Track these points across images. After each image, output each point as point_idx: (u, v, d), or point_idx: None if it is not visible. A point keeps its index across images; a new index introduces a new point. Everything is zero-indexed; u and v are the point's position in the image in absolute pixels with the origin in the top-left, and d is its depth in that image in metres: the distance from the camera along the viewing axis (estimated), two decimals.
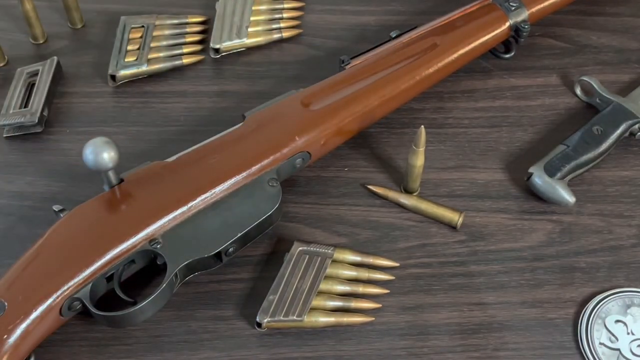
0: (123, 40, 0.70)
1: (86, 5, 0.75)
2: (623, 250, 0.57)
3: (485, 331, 0.53)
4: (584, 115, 0.65)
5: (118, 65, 0.68)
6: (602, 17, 0.75)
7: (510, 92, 0.68)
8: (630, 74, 0.70)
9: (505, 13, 0.67)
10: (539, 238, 0.58)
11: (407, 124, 0.65)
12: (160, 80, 0.69)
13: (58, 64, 0.69)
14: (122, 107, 0.67)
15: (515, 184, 0.61)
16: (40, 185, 0.61)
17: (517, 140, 0.64)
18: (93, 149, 0.48)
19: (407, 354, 0.52)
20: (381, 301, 0.54)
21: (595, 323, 0.53)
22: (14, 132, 0.65)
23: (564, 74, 0.70)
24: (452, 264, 0.57)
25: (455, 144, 0.64)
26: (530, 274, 0.56)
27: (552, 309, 0.54)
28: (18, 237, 0.55)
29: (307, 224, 0.59)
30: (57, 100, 0.68)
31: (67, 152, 0.64)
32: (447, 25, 0.66)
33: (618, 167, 0.63)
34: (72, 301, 0.49)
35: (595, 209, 0.60)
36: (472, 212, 0.59)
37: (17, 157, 0.64)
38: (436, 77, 0.64)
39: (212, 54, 0.71)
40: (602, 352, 0.52)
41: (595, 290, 0.55)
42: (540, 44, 0.72)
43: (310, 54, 0.72)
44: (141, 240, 0.51)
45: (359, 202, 0.60)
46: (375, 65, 0.62)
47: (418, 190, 0.61)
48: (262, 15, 0.73)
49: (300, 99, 0.59)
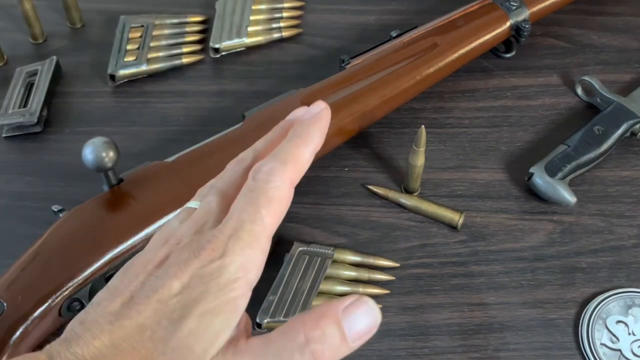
0: (122, 40, 0.70)
1: (86, 4, 0.75)
2: (624, 250, 0.57)
3: (486, 332, 0.53)
4: (584, 115, 0.65)
5: (117, 64, 0.68)
6: (603, 16, 0.75)
7: (511, 91, 0.68)
8: (632, 73, 0.70)
9: (505, 12, 0.67)
10: (539, 238, 0.58)
11: (408, 124, 0.65)
12: (160, 80, 0.69)
13: (57, 64, 0.69)
14: (122, 107, 0.67)
15: (516, 184, 0.61)
16: (39, 185, 0.61)
17: (518, 140, 0.64)
18: (92, 149, 0.48)
19: (407, 354, 0.52)
20: (381, 301, 0.54)
21: (596, 323, 0.53)
22: (13, 132, 0.65)
23: (565, 74, 0.69)
24: (453, 264, 0.56)
25: (455, 144, 0.64)
26: (531, 274, 0.56)
27: (553, 309, 0.54)
28: (17, 237, 0.55)
29: (307, 224, 0.59)
30: (57, 100, 0.68)
31: (67, 152, 0.63)
32: (448, 25, 0.66)
33: (619, 167, 0.62)
34: (72, 301, 0.49)
35: (596, 209, 0.60)
36: (472, 212, 0.59)
37: (16, 157, 0.64)
38: (437, 77, 0.64)
39: (211, 54, 0.71)
40: (603, 353, 0.51)
41: (596, 291, 0.55)
42: (541, 44, 0.72)
43: (310, 53, 0.72)
44: (141, 240, 0.51)
45: (359, 202, 0.60)
46: (375, 65, 0.62)
47: (418, 190, 0.60)
48: (262, 14, 0.73)
49: (300, 98, 0.59)
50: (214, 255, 0.33)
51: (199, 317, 0.32)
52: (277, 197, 0.35)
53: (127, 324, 0.31)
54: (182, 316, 0.32)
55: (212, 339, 0.32)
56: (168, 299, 0.32)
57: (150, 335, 0.31)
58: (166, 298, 0.32)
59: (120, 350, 0.31)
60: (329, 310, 0.32)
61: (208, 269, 0.32)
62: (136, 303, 0.32)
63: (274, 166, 0.35)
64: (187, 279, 0.32)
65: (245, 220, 0.34)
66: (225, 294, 0.32)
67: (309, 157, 0.37)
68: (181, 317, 0.32)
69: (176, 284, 0.32)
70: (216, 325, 0.32)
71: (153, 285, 0.33)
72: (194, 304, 0.32)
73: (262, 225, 0.34)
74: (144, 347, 0.31)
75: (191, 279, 0.32)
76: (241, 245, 0.33)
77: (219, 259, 0.33)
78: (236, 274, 0.33)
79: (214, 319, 0.32)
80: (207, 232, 0.34)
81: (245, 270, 0.33)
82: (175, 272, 0.33)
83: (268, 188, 0.35)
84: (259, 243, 0.34)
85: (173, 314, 0.32)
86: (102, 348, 0.31)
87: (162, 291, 0.32)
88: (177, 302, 0.32)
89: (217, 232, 0.34)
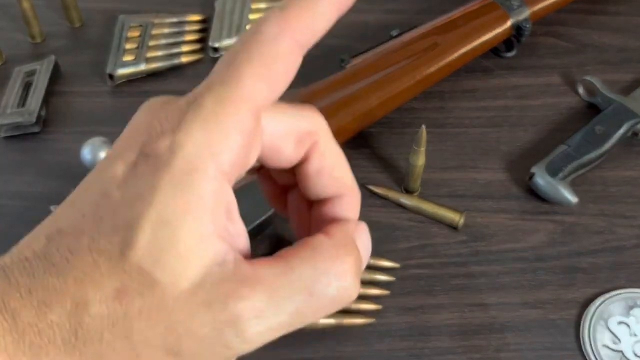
0: (121, 39, 0.70)
1: (84, 4, 0.74)
2: (625, 250, 0.57)
3: (487, 332, 0.53)
4: (585, 115, 0.65)
5: (116, 64, 0.68)
6: (604, 16, 0.75)
7: (512, 91, 0.68)
8: (633, 73, 0.69)
9: (506, 12, 0.67)
10: (540, 238, 0.58)
11: (408, 124, 0.65)
12: (159, 79, 0.69)
13: (56, 63, 0.69)
14: (121, 106, 0.67)
15: (516, 184, 0.61)
16: (38, 185, 0.61)
17: (519, 140, 0.64)
18: (91, 149, 0.48)
19: (408, 355, 0.52)
20: (382, 302, 0.54)
21: (598, 324, 0.53)
22: (11, 131, 0.64)
23: (566, 74, 0.69)
24: (453, 265, 0.56)
25: (456, 144, 0.64)
26: (531, 275, 0.56)
27: (554, 309, 0.54)
28: (16, 238, 0.55)
29: None
30: (55, 100, 0.67)
31: (65, 152, 0.63)
32: (448, 24, 0.65)
33: (620, 167, 0.62)
34: None
35: (597, 209, 0.59)
36: (473, 212, 0.59)
37: (15, 157, 0.63)
38: (437, 77, 0.64)
39: (211, 53, 0.71)
40: (604, 354, 0.51)
41: (597, 291, 0.55)
42: (541, 43, 0.72)
43: (310, 53, 0.71)
44: None
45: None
46: (375, 64, 0.62)
47: (419, 190, 0.60)
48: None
49: (300, 98, 0.59)
50: (164, 128, 0.23)
51: (152, 228, 0.22)
52: (265, 52, 0.24)
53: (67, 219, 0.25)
54: (130, 225, 0.23)
55: (180, 257, 0.22)
56: (110, 190, 0.24)
57: (88, 243, 0.23)
58: (108, 189, 0.24)
59: (52, 263, 0.23)
60: (348, 231, 0.27)
61: (154, 149, 0.23)
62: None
63: (268, 14, 0.25)
64: (132, 160, 0.24)
65: (214, 83, 0.24)
66: (183, 188, 0.23)
67: (325, 8, 0.26)
68: (129, 225, 0.23)
69: (119, 168, 0.24)
70: (181, 236, 0.22)
71: (98, 168, 0.25)
72: (142, 206, 0.23)
73: (238, 88, 0.24)
74: (80, 259, 0.23)
75: (136, 164, 0.23)
76: (203, 115, 0.23)
77: (170, 134, 0.23)
78: (196, 156, 0.23)
79: (175, 231, 0.22)
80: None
81: (210, 151, 0.23)
82: (121, 153, 0.24)
83: (253, 39, 0.25)
84: (232, 116, 0.23)
85: (117, 216, 0.23)
86: (33, 259, 0.24)
87: (104, 178, 0.24)
88: (121, 196, 0.23)
89: (174, 100, 0.24)
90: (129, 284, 0.22)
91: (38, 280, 0.23)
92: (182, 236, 0.22)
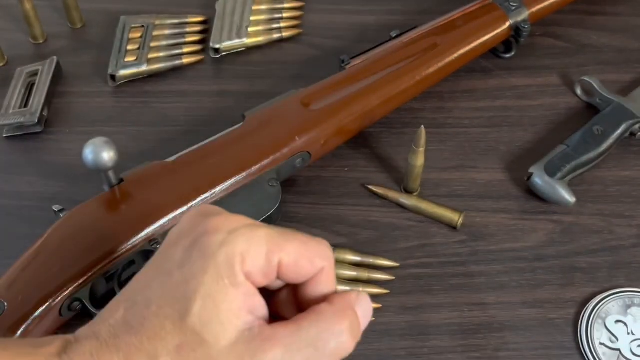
0: (123, 40, 0.70)
1: (86, 5, 0.75)
2: (623, 250, 0.57)
3: (486, 331, 0.53)
4: (584, 115, 0.65)
5: (118, 65, 0.68)
6: (603, 16, 0.75)
7: (511, 91, 0.68)
8: (631, 74, 0.70)
9: (505, 13, 0.67)
10: (539, 238, 0.58)
11: (408, 124, 0.65)
12: (160, 80, 0.69)
13: (58, 64, 0.69)
14: (122, 107, 0.67)
15: (515, 184, 0.61)
16: (39, 185, 0.61)
17: (518, 140, 0.64)
18: (93, 149, 0.48)
19: (407, 354, 0.52)
20: (381, 301, 0.54)
21: (596, 323, 0.53)
22: (13, 132, 0.65)
23: (565, 74, 0.70)
24: (453, 264, 0.56)
25: (455, 144, 0.64)
26: (530, 274, 0.56)
27: (553, 309, 0.54)
28: (18, 237, 0.55)
29: (307, 224, 0.59)
30: (57, 100, 0.68)
31: (67, 152, 0.63)
32: (448, 25, 0.66)
33: (618, 167, 0.63)
34: (72, 301, 0.49)
35: (596, 209, 0.60)
36: (472, 212, 0.59)
37: (17, 157, 0.64)
38: (436, 77, 0.64)
39: (212, 54, 0.71)
40: (602, 353, 0.52)
41: (595, 291, 0.55)
42: (540, 44, 0.72)
43: (310, 54, 0.72)
44: (141, 240, 0.51)
45: (359, 202, 0.60)
46: (375, 65, 0.62)
47: (418, 190, 0.60)
48: (262, 15, 0.73)
49: (300, 98, 0.59)
50: (221, 228, 0.33)
51: (203, 300, 0.31)
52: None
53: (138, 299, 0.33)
54: (187, 297, 0.31)
55: (221, 322, 0.31)
56: (172, 270, 0.32)
57: (156, 310, 0.31)
58: (171, 269, 0.32)
59: (131, 326, 0.32)
60: (348, 301, 0.34)
61: (207, 240, 0.33)
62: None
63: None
64: (187, 246, 0.33)
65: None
66: (224, 275, 0.32)
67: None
68: (187, 298, 0.31)
69: (178, 252, 0.33)
70: (222, 309, 0.31)
71: (161, 251, 0.34)
72: (196, 285, 0.31)
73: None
74: (151, 323, 0.31)
75: (191, 249, 0.33)
76: (247, 235, 0.33)
77: (226, 234, 0.32)
78: (235, 255, 0.32)
79: (219, 305, 0.31)
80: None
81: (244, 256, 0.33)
82: (178, 241, 0.34)
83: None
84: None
85: (178, 290, 0.32)
86: (116, 324, 0.32)
87: (167, 259, 0.33)
88: (180, 275, 0.32)
89: (225, 213, 0.34)
90: (185, 341, 0.31)
91: (122, 340, 0.31)
92: (223, 309, 0.31)
